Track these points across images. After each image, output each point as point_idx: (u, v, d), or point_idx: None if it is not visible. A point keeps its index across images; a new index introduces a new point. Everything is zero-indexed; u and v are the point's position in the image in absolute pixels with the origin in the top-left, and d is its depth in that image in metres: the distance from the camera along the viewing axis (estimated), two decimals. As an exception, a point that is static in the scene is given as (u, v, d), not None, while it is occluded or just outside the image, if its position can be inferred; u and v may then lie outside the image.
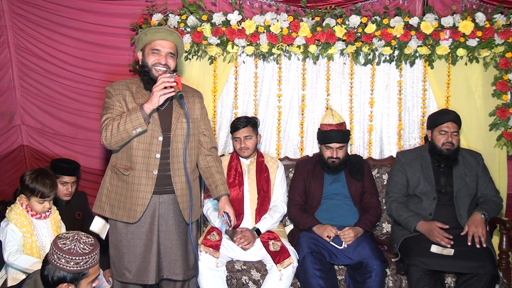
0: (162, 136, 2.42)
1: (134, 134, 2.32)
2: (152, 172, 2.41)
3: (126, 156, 2.44)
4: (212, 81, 3.43)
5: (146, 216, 2.44)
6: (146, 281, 2.44)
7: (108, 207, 2.48)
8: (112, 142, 2.35)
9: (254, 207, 3.07)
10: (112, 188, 2.49)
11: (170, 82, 2.28)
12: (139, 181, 2.40)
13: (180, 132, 2.46)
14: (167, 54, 2.41)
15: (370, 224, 3.02)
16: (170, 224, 2.47)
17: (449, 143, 3.01)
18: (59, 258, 1.78)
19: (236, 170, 3.12)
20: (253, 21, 3.25)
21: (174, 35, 2.46)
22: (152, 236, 2.45)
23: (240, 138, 3.12)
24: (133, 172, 2.41)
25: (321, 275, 2.74)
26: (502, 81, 3.28)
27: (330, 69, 3.49)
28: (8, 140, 3.63)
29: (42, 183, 2.50)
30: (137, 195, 2.41)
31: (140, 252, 2.44)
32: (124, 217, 2.43)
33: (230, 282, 2.89)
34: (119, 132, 2.31)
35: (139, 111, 2.29)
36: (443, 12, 3.32)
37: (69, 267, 1.79)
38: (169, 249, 2.47)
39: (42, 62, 3.56)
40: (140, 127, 2.30)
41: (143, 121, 2.29)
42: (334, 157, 3.10)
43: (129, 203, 2.42)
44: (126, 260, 2.45)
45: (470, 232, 2.84)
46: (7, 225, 2.47)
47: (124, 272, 2.46)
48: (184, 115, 2.47)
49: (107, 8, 3.41)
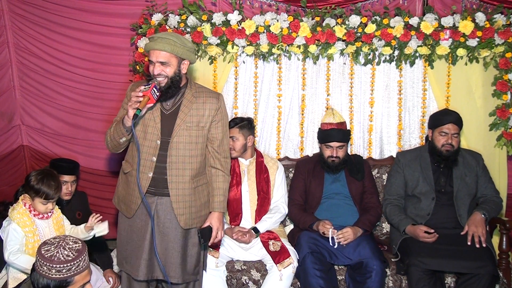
0: (161, 140, 2.43)
1: (121, 142, 2.44)
2: (147, 174, 2.44)
3: (130, 155, 2.56)
4: (212, 81, 3.43)
5: (142, 214, 2.48)
6: (136, 276, 2.48)
7: (117, 199, 2.64)
8: (110, 147, 2.52)
9: (254, 208, 3.07)
10: (120, 183, 2.62)
11: (138, 97, 2.26)
12: (135, 180, 2.42)
13: (182, 140, 2.45)
14: (159, 63, 2.36)
15: (370, 224, 3.02)
16: (167, 226, 2.48)
17: (449, 145, 3.01)
18: (41, 265, 1.76)
19: (234, 171, 3.12)
20: (253, 21, 3.25)
21: (166, 41, 2.33)
22: (145, 235, 2.46)
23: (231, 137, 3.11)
24: (132, 171, 2.49)
25: (321, 275, 2.74)
26: (502, 81, 3.29)
27: (330, 69, 3.49)
28: (8, 140, 3.63)
29: (48, 184, 2.50)
30: (132, 193, 2.50)
31: (134, 247, 2.50)
32: (124, 211, 2.56)
33: (230, 282, 2.89)
34: (112, 139, 2.47)
35: (121, 123, 2.38)
36: (443, 12, 3.32)
37: (51, 274, 1.75)
38: (165, 251, 2.48)
39: (42, 62, 3.56)
40: (123, 137, 2.41)
41: (124, 132, 2.39)
42: (334, 156, 3.09)
43: (127, 199, 2.53)
44: (124, 250, 2.56)
45: (470, 232, 2.85)
46: (9, 224, 2.47)
47: (122, 261, 2.58)
48: (188, 122, 2.46)
49: (107, 8, 3.40)
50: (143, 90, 2.27)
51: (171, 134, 2.44)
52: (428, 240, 2.86)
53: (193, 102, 2.49)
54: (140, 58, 3.30)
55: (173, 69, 2.38)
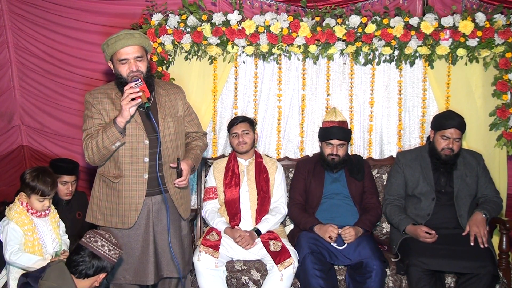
0: (148, 139, 2.39)
1: (114, 149, 2.32)
2: (143, 177, 2.39)
3: (114, 164, 2.42)
4: (212, 81, 3.42)
5: (141, 219, 2.43)
6: (146, 281, 2.44)
7: (100, 215, 2.47)
8: (95, 160, 2.36)
9: (254, 208, 3.07)
10: (101, 197, 2.47)
11: (135, 93, 2.22)
12: (130, 187, 2.38)
13: (168, 132, 2.44)
14: (135, 59, 2.32)
15: (370, 224, 3.02)
16: (165, 223, 2.46)
17: (449, 149, 2.99)
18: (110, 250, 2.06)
19: (233, 172, 3.12)
20: (253, 21, 3.24)
21: (135, 36, 2.32)
22: (148, 238, 2.44)
23: (238, 133, 3.12)
24: (123, 179, 2.39)
25: (321, 275, 2.74)
26: (502, 81, 3.29)
27: (330, 69, 3.49)
28: (8, 140, 3.63)
29: (43, 181, 2.50)
30: (129, 201, 2.39)
31: (137, 254, 2.44)
32: (118, 224, 2.42)
33: (230, 282, 2.88)
34: (99, 149, 2.30)
35: (113, 126, 2.26)
36: (443, 12, 3.32)
37: (114, 258, 2.07)
38: (166, 248, 2.47)
39: (42, 62, 3.56)
40: (118, 141, 2.29)
41: (119, 135, 2.28)
42: (334, 154, 3.09)
43: (121, 209, 2.41)
44: (124, 262, 2.44)
45: (472, 232, 2.85)
46: (7, 224, 2.46)
47: (123, 274, 2.45)
48: (169, 114, 2.45)
49: (107, 8, 3.40)
50: (135, 86, 2.22)
51: (156, 130, 2.34)
52: (428, 240, 2.86)
53: (164, 95, 2.48)
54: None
55: (146, 63, 2.36)
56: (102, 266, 2.05)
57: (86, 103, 2.42)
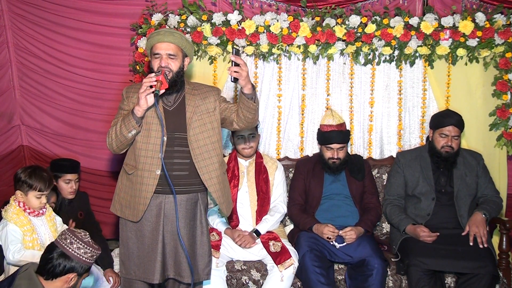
0: (168, 137, 2.39)
1: (130, 137, 2.35)
2: (155, 172, 2.38)
3: (132, 156, 2.45)
4: (212, 81, 3.42)
5: (151, 216, 2.42)
6: (151, 280, 2.42)
7: (118, 205, 2.49)
8: (114, 146, 2.40)
9: (254, 209, 3.07)
10: (122, 187, 2.50)
11: (151, 81, 2.24)
12: (141, 180, 2.39)
13: (198, 130, 2.42)
14: (167, 55, 2.36)
15: (371, 224, 3.02)
16: (180, 225, 2.39)
17: (449, 147, 3.00)
18: (79, 248, 2.01)
19: (233, 172, 3.11)
20: (253, 21, 3.24)
21: (174, 35, 2.38)
22: (158, 236, 2.42)
23: (244, 136, 3.09)
24: (136, 171, 2.40)
25: (321, 272, 2.74)
26: (502, 81, 3.29)
27: (330, 69, 3.49)
28: (8, 141, 3.63)
29: (40, 176, 2.51)
30: (139, 194, 2.40)
31: (147, 251, 2.43)
32: (130, 216, 2.43)
33: (230, 282, 2.89)
34: (117, 136, 2.35)
35: (130, 115, 2.31)
36: (443, 12, 3.32)
37: (85, 258, 2.02)
38: (175, 250, 2.44)
39: (42, 62, 3.55)
40: (134, 129, 2.32)
41: (135, 124, 2.31)
42: (335, 157, 3.10)
43: (133, 202, 2.42)
44: (136, 256, 2.44)
45: (472, 232, 2.85)
46: (5, 226, 2.45)
47: (133, 269, 2.45)
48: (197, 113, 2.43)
49: (107, 8, 3.40)
50: (154, 76, 2.24)
51: (182, 129, 2.38)
52: (428, 240, 2.86)
53: (195, 94, 2.48)
54: (140, 58, 3.30)
55: (179, 64, 2.39)
56: (70, 266, 2.01)
57: (122, 96, 2.50)
